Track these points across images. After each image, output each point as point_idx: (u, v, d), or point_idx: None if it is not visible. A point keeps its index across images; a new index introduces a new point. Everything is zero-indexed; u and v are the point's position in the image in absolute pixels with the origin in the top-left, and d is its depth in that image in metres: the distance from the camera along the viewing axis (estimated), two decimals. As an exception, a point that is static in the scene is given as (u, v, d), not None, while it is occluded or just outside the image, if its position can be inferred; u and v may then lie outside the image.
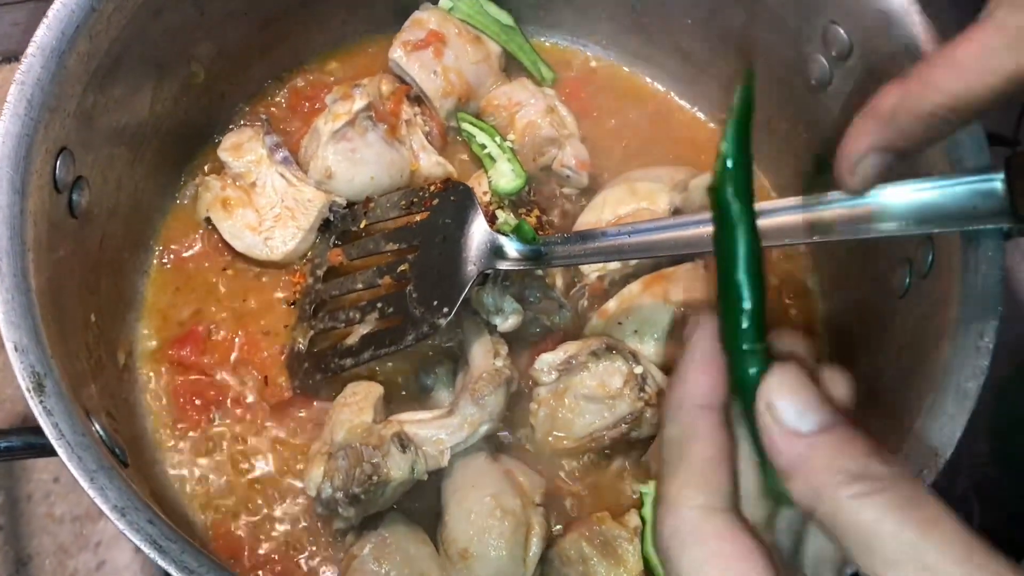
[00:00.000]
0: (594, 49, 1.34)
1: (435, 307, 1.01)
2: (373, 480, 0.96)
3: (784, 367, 0.53)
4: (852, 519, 0.48)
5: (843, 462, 0.49)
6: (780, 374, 0.53)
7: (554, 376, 1.07)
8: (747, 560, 0.50)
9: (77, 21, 0.92)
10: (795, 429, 0.51)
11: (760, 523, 0.55)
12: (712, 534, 0.51)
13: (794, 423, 0.51)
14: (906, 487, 0.48)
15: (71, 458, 0.78)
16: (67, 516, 1.17)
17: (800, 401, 0.52)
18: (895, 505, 0.47)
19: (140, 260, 1.16)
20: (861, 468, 0.49)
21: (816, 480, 0.49)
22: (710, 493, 0.52)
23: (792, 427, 0.51)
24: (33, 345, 0.82)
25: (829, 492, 0.49)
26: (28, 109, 0.88)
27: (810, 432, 0.51)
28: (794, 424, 0.51)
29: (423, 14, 1.24)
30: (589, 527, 1.02)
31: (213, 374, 1.12)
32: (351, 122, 1.13)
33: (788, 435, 0.51)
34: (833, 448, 0.50)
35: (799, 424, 0.51)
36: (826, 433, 0.51)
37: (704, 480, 0.53)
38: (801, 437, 0.51)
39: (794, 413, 0.51)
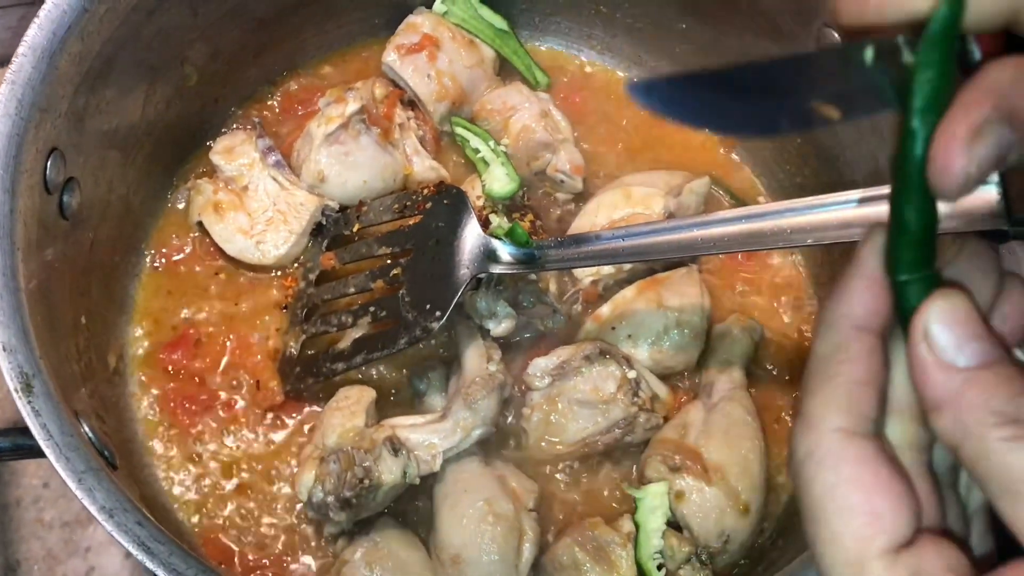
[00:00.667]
0: (588, 54, 1.34)
1: (428, 311, 1.01)
2: (365, 484, 0.96)
3: (948, 294, 0.49)
4: (998, 463, 0.45)
5: (998, 402, 0.46)
6: (942, 301, 0.49)
7: (547, 381, 1.07)
8: (885, 492, 0.48)
9: (69, 22, 0.92)
10: (951, 361, 0.48)
11: (913, 446, 0.52)
12: (851, 459, 0.48)
13: (951, 355, 0.48)
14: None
15: (59, 459, 0.78)
16: (56, 521, 1.17)
17: (961, 332, 0.48)
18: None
19: (131, 263, 1.15)
20: (1016, 410, 0.46)
21: (966, 418, 0.47)
22: (854, 416, 0.49)
23: (948, 359, 0.48)
24: (22, 345, 0.81)
25: (978, 432, 0.46)
26: (19, 109, 0.87)
27: (967, 366, 0.48)
28: (951, 356, 0.48)
29: (417, 18, 1.24)
30: (582, 532, 1.01)
31: (204, 378, 1.11)
32: (344, 125, 1.13)
33: (942, 367, 0.48)
34: (989, 386, 0.47)
35: (956, 357, 0.48)
36: (984, 369, 0.48)
37: (849, 402, 0.50)
38: (956, 371, 0.48)
39: (952, 344, 0.48)
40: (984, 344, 0.48)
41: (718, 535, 0.99)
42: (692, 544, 1.00)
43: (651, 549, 1.00)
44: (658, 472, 1.03)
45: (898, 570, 0.46)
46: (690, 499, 1.00)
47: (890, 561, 0.46)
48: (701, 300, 1.12)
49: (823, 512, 0.48)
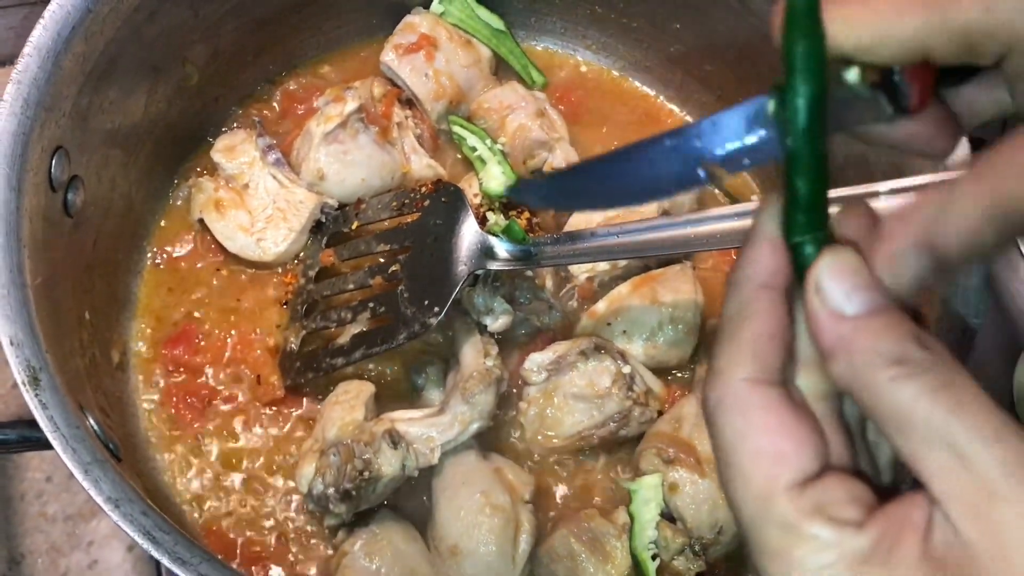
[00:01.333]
0: (584, 53, 1.35)
1: (426, 307, 1.03)
2: (364, 476, 0.97)
3: (835, 249, 0.52)
4: (887, 401, 0.48)
5: (884, 345, 0.49)
6: (830, 256, 0.52)
7: (544, 376, 1.09)
8: (790, 434, 0.50)
9: (73, 22, 0.93)
10: (840, 311, 0.51)
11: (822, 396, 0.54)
12: (756, 405, 0.51)
13: (840, 305, 0.51)
14: (943, 371, 0.48)
15: (66, 450, 0.79)
16: (60, 515, 1.18)
17: (848, 283, 0.51)
18: (930, 388, 0.47)
19: (134, 260, 1.17)
20: (901, 351, 0.48)
21: (856, 362, 0.49)
22: (759, 367, 0.52)
23: (838, 309, 0.51)
24: (28, 340, 0.83)
25: (868, 374, 0.48)
26: (24, 108, 0.89)
27: (855, 314, 0.50)
28: (840, 306, 0.51)
29: (415, 18, 1.26)
30: (578, 524, 1.03)
31: (206, 373, 1.13)
32: (343, 124, 1.14)
33: (833, 316, 0.51)
34: (876, 331, 0.50)
35: (845, 306, 0.51)
36: (871, 316, 0.50)
37: (754, 354, 0.52)
38: (846, 319, 0.50)
39: (841, 295, 0.51)
40: (870, 293, 0.51)
41: (711, 526, 1.01)
42: (686, 535, 1.01)
43: (645, 540, 1.01)
44: (652, 465, 1.04)
45: (803, 502, 0.48)
46: (684, 491, 1.01)
47: (796, 494, 0.48)
48: (695, 296, 1.13)
49: (733, 455, 0.51)
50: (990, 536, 0.45)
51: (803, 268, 0.53)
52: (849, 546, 0.47)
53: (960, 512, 0.46)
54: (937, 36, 0.52)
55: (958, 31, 0.52)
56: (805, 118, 0.52)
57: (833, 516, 0.48)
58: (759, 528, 0.49)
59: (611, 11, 1.29)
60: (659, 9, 1.25)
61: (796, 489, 0.49)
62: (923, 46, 0.53)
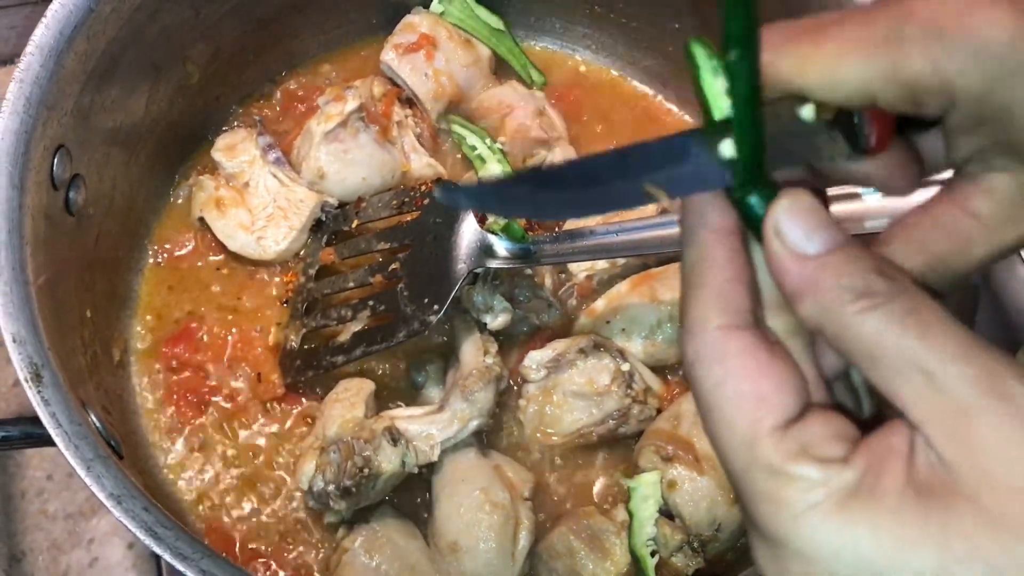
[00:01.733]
0: (583, 53, 1.36)
1: (426, 305, 1.03)
2: (364, 473, 0.98)
3: (791, 192, 0.52)
4: (856, 334, 0.48)
5: (849, 280, 0.49)
6: (787, 199, 0.52)
7: (543, 373, 1.09)
8: (768, 376, 0.50)
9: (75, 21, 0.94)
10: (802, 251, 0.51)
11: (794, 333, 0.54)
12: (732, 352, 0.51)
13: (801, 246, 0.51)
14: (907, 298, 0.48)
15: (68, 447, 0.79)
16: (60, 513, 1.18)
17: (807, 223, 0.51)
18: (896, 316, 0.48)
19: (135, 258, 1.17)
20: (865, 284, 0.49)
21: (822, 299, 0.50)
22: (729, 312, 0.52)
23: (799, 250, 0.51)
24: (31, 337, 0.83)
25: (835, 310, 0.49)
26: (27, 106, 0.89)
27: (817, 253, 0.51)
28: (801, 246, 0.51)
29: (415, 18, 1.26)
30: (577, 521, 1.03)
31: (207, 371, 1.13)
32: (343, 123, 1.15)
33: (795, 258, 0.51)
34: (839, 267, 0.50)
35: (806, 246, 0.51)
36: (833, 253, 0.51)
37: (722, 301, 0.52)
38: (809, 259, 0.51)
39: (801, 235, 0.51)
40: (830, 231, 0.51)
41: (709, 523, 1.01)
42: (684, 532, 1.02)
43: (644, 537, 1.02)
44: (651, 462, 1.04)
45: (787, 443, 0.48)
46: (682, 488, 1.02)
47: (779, 437, 0.49)
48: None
49: (716, 405, 0.51)
50: (968, 454, 0.46)
51: (753, 219, 0.54)
52: (836, 482, 0.47)
53: (938, 434, 0.46)
54: (882, 84, 0.53)
55: (904, 82, 0.53)
56: (743, 85, 0.52)
57: (818, 455, 0.48)
58: (747, 475, 0.50)
59: (610, 11, 1.30)
60: (659, 9, 1.26)
61: (780, 431, 0.49)
62: (868, 92, 0.53)
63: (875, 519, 0.46)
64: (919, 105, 0.54)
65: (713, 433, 0.52)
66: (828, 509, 0.47)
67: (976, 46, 0.51)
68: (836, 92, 0.54)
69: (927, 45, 0.52)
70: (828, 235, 0.51)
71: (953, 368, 0.46)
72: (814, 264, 0.51)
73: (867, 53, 0.53)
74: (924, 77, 0.52)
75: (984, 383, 0.46)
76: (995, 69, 0.51)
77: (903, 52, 0.52)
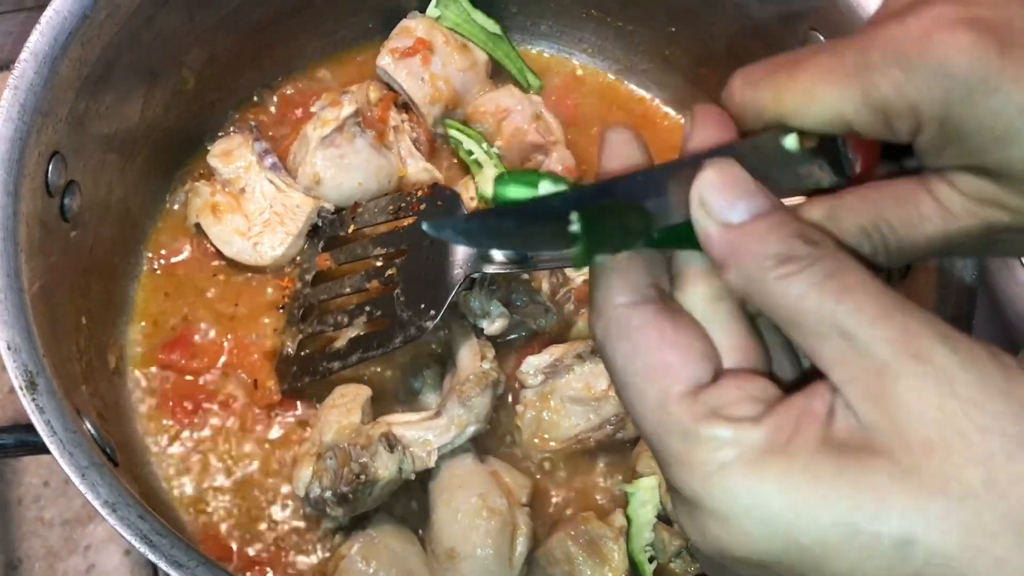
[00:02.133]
0: (580, 57, 1.36)
1: (422, 310, 1.03)
2: (361, 480, 0.97)
3: (713, 162, 0.53)
4: (779, 300, 0.49)
5: (771, 247, 0.50)
6: (709, 170, 0.53)
7: (540, 378, 1.09)
8: (673, 347, 0.52)
9: (70, 28, 0.93)
10: (727, 220, 0.52)
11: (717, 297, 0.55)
12: (636, 327, 0.52)
13: (726, 215, 0.52)
14: (828, 262, 0.49)
15: (63, 454, 0.79)
16: (57, 520, 1.18)
17: (730, 192, 0.52)
18: (815, 280, 0.49)
19: (130, 264, 1.17)
20: (787, 250, 0.50)
21: (745, 268, 0.51)
22: (630, 290, 0.53)
23: (724, 219, 0.52)
24: (26, 344, 0.83)
25: (759, 276, 0.50)
26: (21, 113, 0.89)
27: (741, 222, 0.52)
28: (726, 216, 0.52)
29: (411, 22, 1.26)
30: (575, 527, 1.03)
31: (203, 378, 1.13)
32: (339, 128, 1.15)
33: (720, 227, 0.52)
34: (762, 234, 0.51)
35: (730, 215, 0.52)
36: (756, 220, 0.52)
37: (623, 280, 0.54)
38: (732, 228, 0.52)
39: (725, 205, 0.52)
40: (754, 199, 0.52)
41: (708, 528, 1.01)
42: (683, 537, 1.02)
43: (643, 542, 1.02)
44: (649, 467, 1.04)
45: (696, 407, 0.50)
46: (680, 493, 1.02)
47: (689, 401, 0.50)
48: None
49: (626, 377, 0.53)
50: (885, 412, 0.46)
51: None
52: (747, 441, 0.48)
53: (857, 395, 0.47)
54: (854, 109, 0.55)
55: (874, 107, 0.55)
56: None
57: (728, 415, 0.49)
58: (661, 439, 0.51)
59: (607, 15, 1.30)
60: (655, 13, 1.26)
61: (689, 396, 0.50)
62: (843, 118, 0.56)
63: (786, 476, 0.47)
64: (892, 129, 0.56)
65: (628, 405, 0.53)
66: (739, 468, 0.48)
67: (935, 69, 0.53)
68: (813, 120, 0.56)
69: (890, 70, 0.54)
70: (752, 202, 0.52)
71: (872, 330, 0.47)
72: (737, 232, 0.52)
73: (838, 81, 0.55)
74: (891, 100, 0.54)
75: (902, 344, 0.47)
76: (955, 89, 0.53)
77: (870, 78, 0.54)
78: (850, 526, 0.46)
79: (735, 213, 0.52)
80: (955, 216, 0.58)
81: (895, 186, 0.59)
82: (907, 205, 0.58)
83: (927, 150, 0.57)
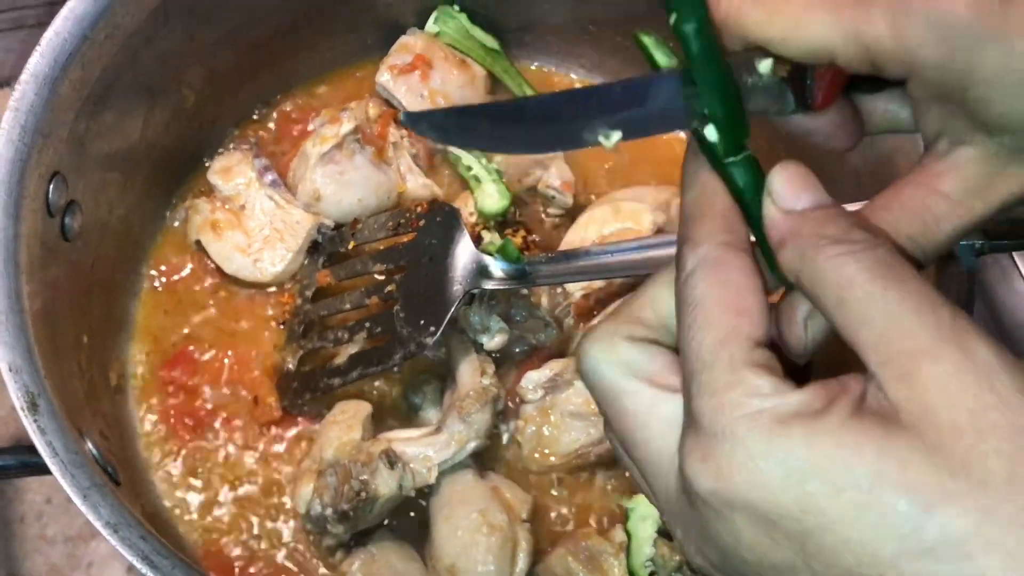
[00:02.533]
0: (578, 72, 1.36)
1: (422, 327, 1.03)
2: (362, 497, 0.98)
3: (786, 162, 0.56)
4: (828, 278, 0.51)
5: (828, 229, 0.53)
6: (781, 166, 0.56)
7: (540, 393, 1.09)
8: (757, 297, 0.54)
9: (70, 49, 0.94)
10: (791, 207, 0.55)
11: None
12: (734, 266, 0.54)
13: (790, 203, 0.55)
14: (882, 252, 0.51)
15: (65, 476, 0.79)
16: (59, 537, 1.18)
17: (798, 185, 0.55)
18: (867, 266, 0.50)
19: (131, 282, 1.17)
20: (842, 233, 0.52)
21: (802, 245, 0.53)
22: (735, 234, 0.56)
23: (788, 206, 0.55)
24: (27, 365, 0.83)
25: (811, 255, 0.52)
26: (22, 135, 0.89)
27: (803, 208, 0.55)
28: (791, 204, 0.55)
29: (410, 39, 1.26)
30: (575, 543, 1.03)
31: (204, 394, 1.13)
32: (339, 145, 1.15)
33: (784, 213, 0.55)
34: (822, 220, 0.54)
35: (794, 203, 0.55)
36: (818, 209, 0.55)
37: (727, 223, 0.56)
38: (795, 213, 0.55)
39: (791, 195, 0.55)
40: (817, 193, 0.55)
41: (708, 543, 1.01)
42: (682, 552, 1.01)
43: (643, 557, 1.02)
44: (649, 482, 1.04)
45: (754, 354, 0.51)
46: (680, 508, 1.02)
47: (750, 346, 0.52)
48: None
49: (703, 305, 0.54)
50: (916, 392, 0.47)
51: (736, 189, 0.57)
52: (785, 399, 0.49)
53: (891, 376, 0.48)
54: (843, 44, 0.56)
55: (864, 45, 0.55)
56: (697, 43, 0.56)
57: (777, 374, 0.51)
58: (710, 367, 0.52)
59: (604, 30, 1.30)
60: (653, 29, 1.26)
61: (751, 342, 0.52)
62: (828, 50, 0.56)
63: (812, 435, 0.48)
64: (876, 68, 0.56)
65: (688, 328, 0.54)
66: (770, 418, 0.49)
67: (937, 18, 0.54)
68: (798, 47, 0.56)
69: (891, 12, 0.54)
70: (815, 195, 0.55)
71: (919, 317, 0.48)
72: (799, 216, 0.55)
73: (833, 12, 0.56)
74: (884, 43, 0.55)
75: (948, 333, 0.48)
76: (954, 42, 0.54)
77: (867, 16, 0.55)
78: (868, 491, 0.46)
79: (799, 202, 0.55)
80: (969, 208, 0.59)
81: (902, 201, 0.59)
82: (921, 217, 0.59)
83: (921, 98, 0.58)
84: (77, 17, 0.95)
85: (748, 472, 0.48)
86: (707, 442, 0.51)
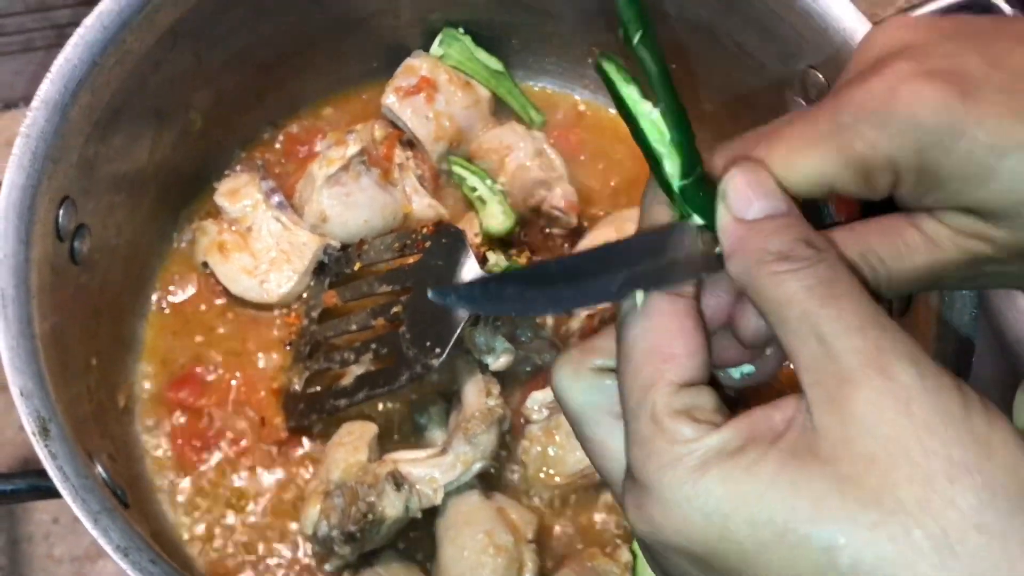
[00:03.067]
0: (582, 93, 1.37)
1: (428, 348, 1.04)
2: (368, 518, 0.98)
3: (741, 164, 0.57)
4: (771, 294, 0.52)
5: (774, 244, 0.53)
6: (736, 169, 0.57)
7: (545, 414, 1.09)
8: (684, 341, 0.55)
9: (79, 75, 0.95)
10: (742, 216, 0.56)
11: None
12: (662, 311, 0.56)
13: (742, 211, 0.56)
14: (824, 268, 0.52)
15: (75, 500, 0.80)
16: (66, 557, 1.19)
17: (750, 192, 0.56)
18: (808, 283, 0.51)
19: (139, 304, 1.18)
20: (788, 249, 0.53)
21: (747, 259, 0.54)
22: None
23: (740, 214, 0.56)
24: (38, 390, 0.84)
25: (755, 271, 0.53)
26: (32, 161, 0.90)
27: (753, 218, 0.55)
28: (742, 212, 0.56)
29: (415, 61, 1.27)
30: (580, 563, 1.04)
31: (211, 415, 1.14)
32: (345, 167, 1.16)
33: (735, 221, 0.56)
34: (769, 232, 0.54)
35: (745, 212, 0.56)
36: (768, 220, 0.55)
37: None
38: (744, 223, 0.56)
39: (743, 202, 0.56)
40: (771, 201, 0.56)
41: (713, 564, 1.01)
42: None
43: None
44: (654, 502, 1.05)
45: (675, 400, 0.53)
46: (685, 529, 1.02)
47: (672, 391, 0.53)
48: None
49: (632, 350, 0.55)
50: (839, 421, 0.48)
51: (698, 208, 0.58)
52: (704, 442, 0.51)
53: (819, 399, 0.50)
54: (835, 171, 0.57)
55: (853, 166, 0.57)
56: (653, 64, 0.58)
57: (696, 417, 0.52)
58: (636, 417, 0.54)
59: (609, 51, 1.30)
60: (655, 50, 1.27)
61: (674, 387, 0.53)
62: (825, 181, 0.58)
63: (730, 475, 0.49)
64: (872, 185, 0.58)
65: (622, 375, 0.56)
66: (690, 463, 0.50)
67: (905, 121, 0.56)
68: (796, 186, 0.58)
69: (862, 128, 0.57)
70: (768, 204, 0.56)
71: (846, 339, 0.49)
72: (748, 227, 0.55)
73: (815, 145, 0.58)
74: (868, 157, 0.57)
75: (870, 357, 0.49)
76: (925, 138, 0.56)
77: (845, 139, 0.57)
78: (783, 525, 0.48)
79: (751, 211, 0.56)
80: (941, 248, 0.60)
81: (882, 221, 0.61)
82: (895, 237, 0.60)
83: (908, 200, 0.60)
84: (87, 43, 0.96)
85: (673, 519, 0.51)
86: (638, 491, 0.53)
